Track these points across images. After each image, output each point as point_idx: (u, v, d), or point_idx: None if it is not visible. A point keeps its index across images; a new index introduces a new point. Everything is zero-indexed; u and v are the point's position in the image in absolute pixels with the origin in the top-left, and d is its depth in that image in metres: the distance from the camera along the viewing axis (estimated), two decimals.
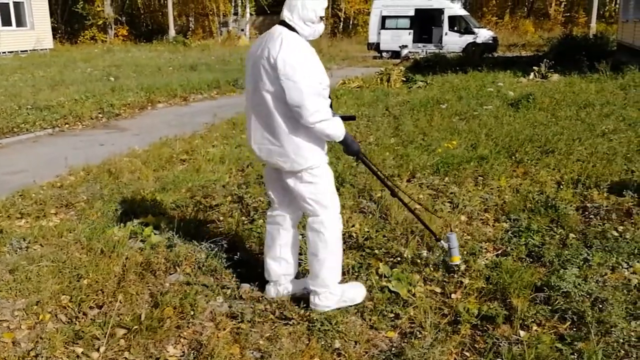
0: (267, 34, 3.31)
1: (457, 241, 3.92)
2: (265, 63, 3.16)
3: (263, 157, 3.40)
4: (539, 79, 14.24)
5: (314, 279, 3.49)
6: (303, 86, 3.10)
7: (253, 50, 3.33)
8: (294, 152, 3.27)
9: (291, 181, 3.38)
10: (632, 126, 8.04)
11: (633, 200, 5.16)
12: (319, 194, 3.38)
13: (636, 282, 3.74)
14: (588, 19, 34.06)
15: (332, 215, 3.45)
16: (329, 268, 3.47)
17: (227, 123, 9.59)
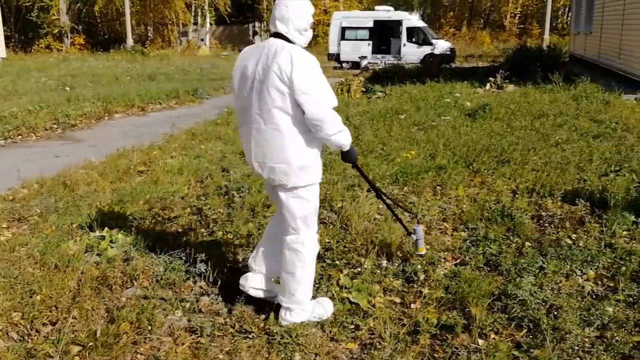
0: (261, 48, 3.26)
1: (422, 233, 4.02)
2: (276, 79, 3.11)
3: (264, 175, 3.35)
4: (495, 89, 14.54)
5: (288, 297, 3.46)
6: (321, 101, 3.14)
7: (249, 63, 3.27)
8: (300, 169, 3.26)
9: (285, 196, 3.35)
10: (584, 136, 8.27)
11: (585, 208, 5.30)
12: (308, 212, 3.40)
13: (589, 288, 3.84)
14: (541, 30, 34.98)
15: (312, 235, 3.47)
16: (305, 286, 3.47)
17: (186, 133, 9.49)
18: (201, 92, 15.60)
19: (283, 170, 3.26)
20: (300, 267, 3.42)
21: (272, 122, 3.19)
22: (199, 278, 4.06)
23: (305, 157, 3.28)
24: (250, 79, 3.25)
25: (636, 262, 4.14)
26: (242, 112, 3.35)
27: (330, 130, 3.19)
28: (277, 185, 3.34)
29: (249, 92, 3.25)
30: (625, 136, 8.30)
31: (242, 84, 3.30)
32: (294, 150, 3.23)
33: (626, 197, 5.41)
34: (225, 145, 8.35)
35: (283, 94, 3.13)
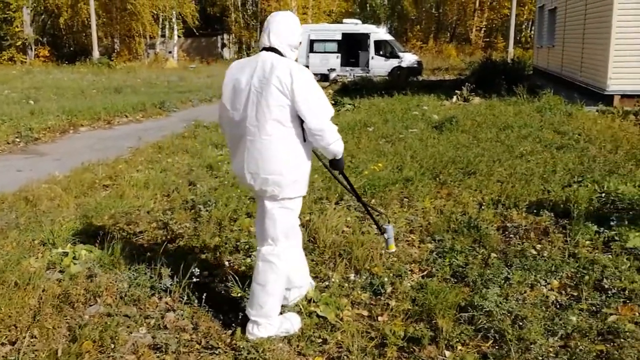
0: (254, 62, 3.33)
1: (392, 232, 4.02)
2: (276, 91, 3.18)
3: (255, 186, 3.36)
4: (461, 102, 14.74)
5: (257, 309, 3.43)
6: (321, 112, 3.25)
7: (242, 76, 3.33)
8: (292, 181, 3.33)
9: (271, 206, 3.39)
10: (548, 147, 8.43)
11: (549, 219, 5.38)
12: (290, 224, 3.46)
13: (553, 298, 3.89)
14: (506, 44, 35.67)
15: (288, 248, 3.49)
16: (275, 299, 3.46)
17: (153, 147, 9.39)
18: (168, 105, 15.47)
19: (276, 182, 3.30)
20: (273, 279, 3.42)
21: (267, 133, 3.25)
22: (165, 294, 4.00)
23: (298, 170, 3.36)
24: (245, 92, 3.30)
25: (599, 271, 4.21)
26: (234, 124, 3.38)
27: (330, 139, 3.30)
28: (266, 197, 3.38)
29: (244, 104, 3.30)
30: (588, 147, 8.48)
31: (235, 97, 3.35)
32: (287, 163, 3.30)
33: (589, 207, 5.52)
34: (193, 159, 8.28)
35: (283, 105, 3.21)
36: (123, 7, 39.55)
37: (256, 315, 3.44)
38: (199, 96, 18.05)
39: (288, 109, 3.21)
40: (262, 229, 3.46)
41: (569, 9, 17.59)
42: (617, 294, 3.90)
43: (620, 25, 12.63)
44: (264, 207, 3.41)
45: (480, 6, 50.77)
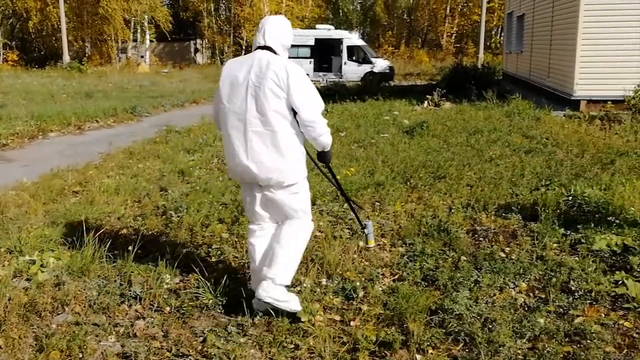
0: (250, 60, 3.59)
1: (372, 227, 4.19)
2: (273, 85, 3.47)
3: (260, 175, 3.58)
4: (432, 107, 14.89)
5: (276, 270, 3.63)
6: (314, 105, 3.56)
7: (239, 73, 3.58)
8: (294, 166, 3.62)
9: (281, 195, 3.66)
10: (517, 151, 8.57)
11: (518, 222, 5.47)
12: (305, 202, 3.79)
13: (522, 301, 3.95)
14: (476, 49, 36.10)
15: (309, 219, 3.85)
16: (294, 265, 3.75)
17: (124, 152, 9.29)
18: (140, 109, 15.32)
19: (280, 169, 3.57)
20: (296, 244, 3.73)
21: (269, 124, 3.51)
22: (135, 301, 3.97)
23: (297, 156, 3.64)
24: (243, 86, 3.55)
25: (566, 273, 4.29)
26: (233, 118, 3.59)
27: (321, 130, 3.60)
28: (273, 185, 3.62)
29: (244, 98, 3.54)
30: (555, 151, 8.64)
31: (234, 92, 3.58)
32: (289, 150, 3.57)
33: (556, 210, 5.61)
34: (164, 164, 8.22)
35: (279, 97, 3.48)
36: (94, 11, 39.07)
37: (274, 274, 3.62)
38: (171, 101, 17.92)
39: (284, 101, 3.49)
40: (283, 211, 3.72)
41: (536, 16, 17.90)
42: (583, 296, 3.98)
43: (586, 32, 12.89)
44: (274, 198, 3.67)
45: (451, 12, 51.37)
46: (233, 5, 46.23)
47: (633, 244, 4.71)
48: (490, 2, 43.12)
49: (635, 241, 4.75)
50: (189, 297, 4.04)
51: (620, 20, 12.69)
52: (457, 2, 51.42)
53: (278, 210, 3.75)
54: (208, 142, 9.89)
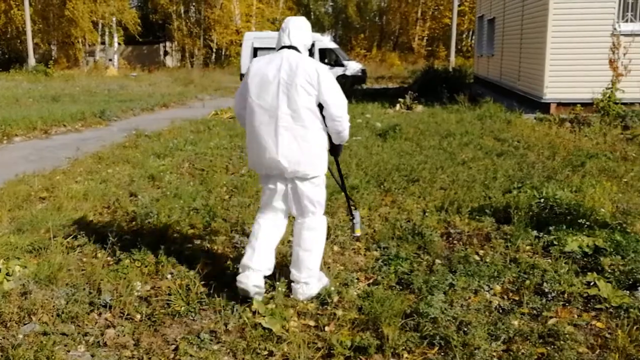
0: (279, 58, 3.82)
1: (359, 218, 4.47)
2: (305, 84, 3.73)
3: (288, 168, 3.82)
4: (404, 110, 14.96)
5: (306, 272, 3.97)
6: (342, 102, 3.85)
7: (268, 71, 3.81)
8: (319, 160, 3.90)
9: (305, 186, 3.92)
10: (489, 154, 8.63)
11: (491, 225, 5.49)
12: (323, 196, 4.06)
13: (496, 303, 3.96)
14: (447, 53, 36.49)
15: (324, 216, 4.13)
16: (319, 259, 4.07)
17: (93, 157, 9.11)
18: (109, 114, 15.07)
19: (309, 162, 3.84)
20: (318, 244, 4.03)
21: (300, 119, 3.77)
22: (104, 309, 3.87)
23: (323, 150, 3.94)
24: (274, 84, 3.78)
25: (539, 275, 4.31)
26: (261, 113, 3.82)
27: (346, 124, 3.92)
28: (300, 177, 3.87)
29: (275, 95, 3.78)
30: (527, 154, 8.73)
31: (264, 89, 3.81)
32: (316, 144, 3.86)
33: (529, 212, 5.65)
34: (134, 169, 8.08)
35: (310, 94, 3.75)
36: (61, 13, 38.44)
37: (306, 278, 3.97)
38: (141, 105, 17.69)
39: (314, 97, 3.76)
40: (302, 206, 3.96)
41: (506, 20, 18.14)
42: (556, 298, 4.00)
43: (555, 36, 13.10)
44: (297, 188, 3.92)
45: (422, 16, 51.87)
46: (203, 8, 45.95)
47: (604, 245, 4.76)
48: (461, 6, 43.64)
49: (606, 242, 4.80)
50: (161, 304, 3.96)
51: (589, 25, 12.92)
52: (428, 5, 51.96)
53: (297, 203, 3.98)
54: (178, 147, 9.77)
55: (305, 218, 4.01)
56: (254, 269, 3.92)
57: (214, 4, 45.54)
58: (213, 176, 7.46)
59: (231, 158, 8.84)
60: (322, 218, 4.10)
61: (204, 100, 20.43)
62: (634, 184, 6.91)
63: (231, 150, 9.58)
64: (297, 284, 4.00)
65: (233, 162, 8.50)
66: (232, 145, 10.02)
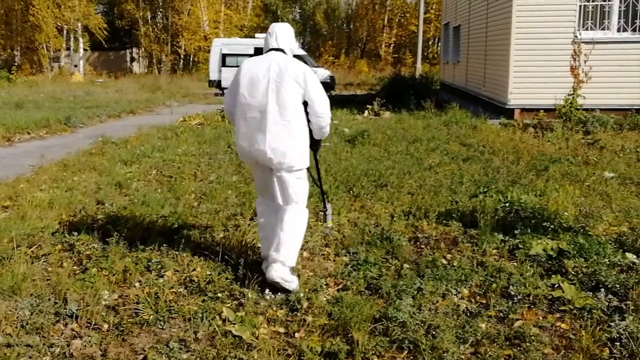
0: (268, 60, 4.21)
1: (331, 209, 4.86)
2: (293, 83, 4.11)
3: (274, 159, 4.13)
4: (372, 116, 15.08)
5: (284, 254, 4.18)
6: (324, 99, 4.24)
7: (258, 71, 4.17)
8: (302, 153, 4.23)
9: (289, 178, 4.22)
10: (455, 159, 8.76)
11: (458, 229, 5.57)
12: (305, 189, 4.37)
13: (464, 306, 4.01)
14: (414, 60, 36.86)
15: (304, 205, 4.39)
16: (298, 247, 4.36)
17: (58, 165, 8.95)
18: (74, 120, 14.83)
19: (292, 155, 4.15)
20: (297, 228, 4.29)
21: (287, 115, 4.12)
22: (71, 320, 3.81)
23: (305, 145, 4.26)
24: (264, 82, 4.13)
25: (505, 278, 4.38)
26: (251, 109, 4.17)
27: (328, 121, 4.30)
28: (283, 168, 4.17)
29: (265, 92, 4.12)
30: (492, 159, 8.88)
31: (254, 87, 4.16)
32: (300, 139, 4.19)
33: (494, 216, 5.75)
34: (101, 176, 7.97)
35: (297, 92, 4.12)
36: (24, 18, 37.74)
37: (284, 257, 4.17)
38: (107, 111, 17.46)
39: (300, 96, 4.13)
40: (285, 195, 4.26)
41: (471, 27, 18.43)
42: (522, 300, 4.07)
43: (519, 44, 13.36)
44: (282, 179, 4.21)
45: (389, 23, 52.34)
46: (170, 14, 45.62)
47: (567, 248, 4.87)
48: (427, 13, 44.17)
49: (569, 245, 4.91)
50: (128, 314, 3.91)
51: (551, 33, 13.21)
52: (394, 12, 52.48)
53: (283, 192, 4.27)
54: (146, 153, 9.68)
55: (289, 206, 4.27)
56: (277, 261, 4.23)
57: (181, 10, 45.26)
58: (181, 183, 7.41)
59: (199, 165, 8.78)
60: (304, 210, 4.37)
61: (171, 106, 20.26)
62: (595, 188, 7.09)
63: (199, 156, 9.53)
64: (275, 263, 4.16)
65: (201, 169, 8.45)
66: (200, 151, 9.97)
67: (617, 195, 6.72)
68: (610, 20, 13.31)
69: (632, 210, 6.11)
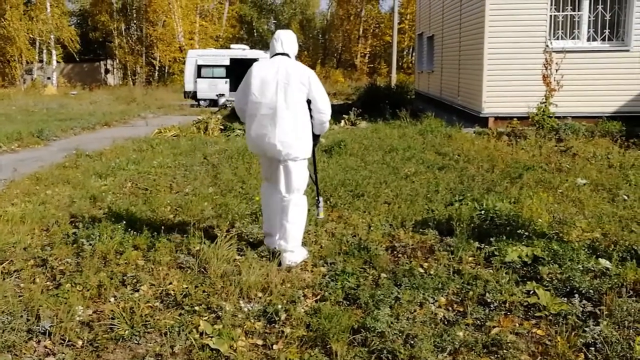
0: (276, 63, 4.88)
1: (323, 202, 5.37)
2: (299, 83, 4.79)
3: (283, 151, 4.80)
4: (349, 126, 15.13)
5: (292, 241, 4.94)
6: (326, 98, 4.98)
7: (267, 73, 4.85)
8: (307, 144, 4.90)
9: (293, 166, 4.88)
10: (430, 168, 8.82)
11: (435, 237, 5.60)
12: (305, 178, 5.00)
13: (441, 315, 4.03)
14: (389, 69, 37.12)
15: (303, 194, 5.05)
16: (302, 232, 5.07)
17: (30, 178, 8.81)
18: (47, 133, 14.63)
19: (298, 147, 4.82)
20: (301, 217, 5.01)
21: (293, 112, 4.78)
22: (43, 337, 3.74)
23: (309, 138, 4.93)
24: (273, 83, 4.80)
25: (482, 286, 4.41)
26: (262, 107, 4.82)
27: (329, 117, 5.02)
28: (289, 159, 4.83)
29: (274, 92, 4.79)
30: (467, 167, 8.96)
31: (264, 87, 4.83)
32: (304, 133, 4.88)
33: (470, 224, 5.79)
34: (74, 190, 7.86)
35: (302, 92, 4.81)
36: None
37: (292, 246, 4.94)
38: (81, 124, 17.26)
39: (305, 95, 4.82)
40: (289, 183, 4.91)
41: (445, 37, 18.64)
42: (498, 307, 4.10)
43: (492, 53, 13.53)
44: (288, 168, 4.88)
45: (364, 33, 52.73)
46: (145, 25, 45.41)
47: (542, 254, 4.92)
48: (401, 24, 44.60)
49: (544, 252, 4.96)
50: (103, 329, 3.85)
51: (523, 42, 13.41)
52: (369, 23, 52.89)
53: (287, 180, 4.91)
54: (121, 166, 9.57)
55: (292, 195, 4.92)
56: (273, 235, 5.14)
57: (155, 22, 45.07)
58: (157, 195, 7.34)
59: (175, 177, 8.72)
60: (304, 197, 5.03)
61: (147, 118, 20.11)
62: (568, 194, 7.19)
63: (175, 168, 9.46)
64: (285, 252, 4.90)
65: (177, 181, 8.38)
66: (176, 163, 9.90)
67: (589, 202, 6.82)
68: (580, 29, 13.56)
69: (604, 216, 6.20)
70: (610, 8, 13.44)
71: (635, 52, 13.31)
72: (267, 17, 56.56)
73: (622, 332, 3.69)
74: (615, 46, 13.53)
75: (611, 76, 13.34)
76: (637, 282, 4.41)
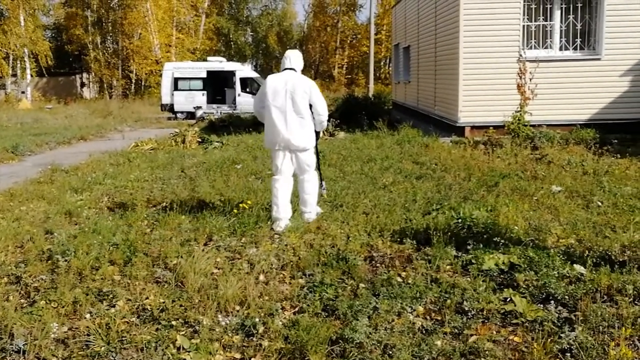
0: (285, 76, 6.34)
1: (325, 185, 7.13)
2: (303, 92, 6.24)
3: (295, 143, 6.29)
4: (327, 136, 15.16)
5: (311, 207, 6.62)
6: (324, 103, 6.46)
7: (278, 84, 6.29)
8: (311, 137, 6.41)
9: (304, 155, 6.41)
10: (408, 178, 8.87)
11: (412, 246, 5.62)
12: (314, 160, 6.58)
13: (419, 324, 4.04)
14: (367, 80, 37.33)
15: (314, 169, 6.59)
16: (316, 198, 6.70)
17: (4, 194, 8.68)
18: (22, 148, 14.46)
19: (305, 140, 6.33)
20: (314, 188, 6.61)
21: (300, 114, 6.26)
22: (18, 355, 3.68)
23: (312, 132, 6.43)
24: (282, 92, 6.24)
25: (459, 294, 4.44)
26: (275, 110, 6.27)
27: (326, 117, 6.55)
28: (300, 149, 6.35)
29: (284, 99, 6.23)
30: (444, 176, 9.03)
31: (276, 95, 6.27)
32: (309, 129, 6.36)
33: (447, 233, 5.81)
34: (50, 205, 7.76)
35: (305, 99, 6.25)
36: None
37: (311, 211, 6.61)
38: (57, 138, 17.08)
39: (307, 100, 6.26)
40: (302, 166, 6.45)
41: (421, 48, 18.81)
42: (476, 315, 4.13)
43: (467, 63, 13.69)
44: (298, 156, 6.41)
45: (341, 45, 53.01)
46: (121, 38, 45.16)
47: (518, 261, 4.97)
48: (377, 35, 44.95)
49: (520, 259, 5.01)
50: (79, 346, 3.80)
51: (497, 52, 13.59)
52: (346, 34, 53.18)
53: (299, 166, 6.45)
54: (97, 180, 9.48)
55: (305, 175, 6.47)
56: (282, 219, 6.32)
57: (131, 34, 44.85)
58: (134, 210, 7.27)
59: (152, 190, 8.65)
60: (314, 172, 6.57)
61: (123, 132, 19.96)
62: (544, 202, 7.27)
63: (152, 182, 9.39)
64: (305, 214, 6.57)
65: (154, 195, 8.32)
66: (153, 177, 9.83)
67: (564, 209, 6.91)
68: (552, 39, 13.79)
69: (579, 222, 6.28)
70: (581, 18, 13.69)
71: (606, 61, 13.57)
72: (244, 30, 56.58)
73: (597, 337, 3.73)
74: (586, 55, 13.77)
75: (584, 84, 13.59)
76: (611, 287, 4.47)
